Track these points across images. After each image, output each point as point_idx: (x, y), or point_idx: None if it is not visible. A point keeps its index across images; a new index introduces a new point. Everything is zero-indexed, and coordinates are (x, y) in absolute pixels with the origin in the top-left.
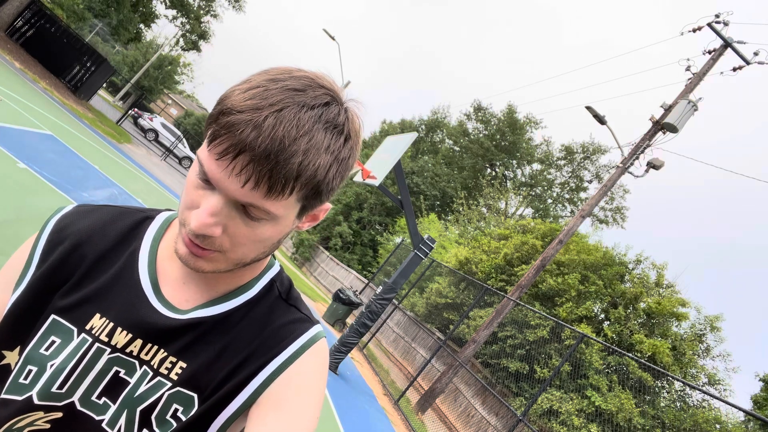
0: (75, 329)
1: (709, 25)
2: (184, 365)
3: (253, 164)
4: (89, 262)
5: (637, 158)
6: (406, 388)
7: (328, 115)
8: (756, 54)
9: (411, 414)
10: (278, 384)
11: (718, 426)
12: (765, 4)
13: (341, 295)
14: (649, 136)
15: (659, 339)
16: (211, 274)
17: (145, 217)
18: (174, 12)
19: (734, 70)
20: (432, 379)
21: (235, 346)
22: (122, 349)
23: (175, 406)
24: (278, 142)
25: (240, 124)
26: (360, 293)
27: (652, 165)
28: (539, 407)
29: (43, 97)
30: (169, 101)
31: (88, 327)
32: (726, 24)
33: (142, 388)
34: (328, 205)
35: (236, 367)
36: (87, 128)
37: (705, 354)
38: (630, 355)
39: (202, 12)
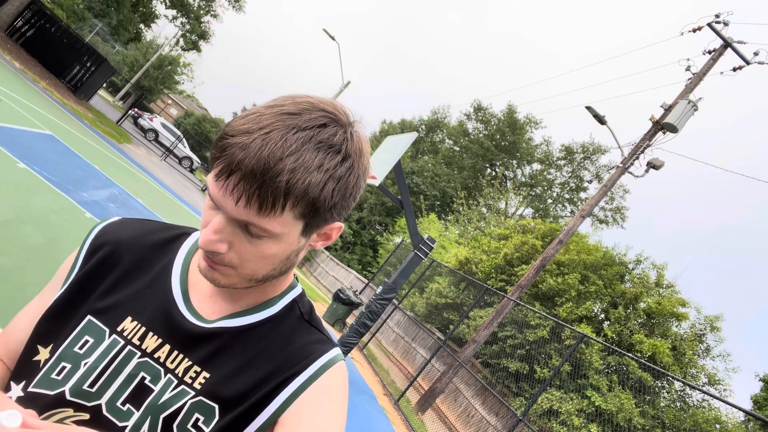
0: (107, 330)
1: (709, 25)
2: (207, 375)
3: (243, 183)
4: (126, 267)
5: (637, 158)
6: (406, 388)
7: (322, 136)
8: (756, 54)
9: (411, 414)
10: (300, 402)
11: (718, 426)
12: (765, 4)
13: (341, 295)
14: (649, 136)
15: (659, 339)
16: (227, 288)
17: (182, 233)
18: (174, 12)
19: (734, 70)
20: (432, 379)
21: (259, 360)
22: (151, 354)
23: (197, 415)
24: (263, 162)
25: (232, 147)
26: (360, 293)
27: (652, 165)
28: (539, 407)
29: (43, 97)
30: (169, 101)
31: (119, 329)
32: (726, 24)
33: (166, 396)
34: (339, 224)
35: (259, 382)
36: (87, 128)
37: (705, 354)
38: (630, 355)
39: (202, 12)
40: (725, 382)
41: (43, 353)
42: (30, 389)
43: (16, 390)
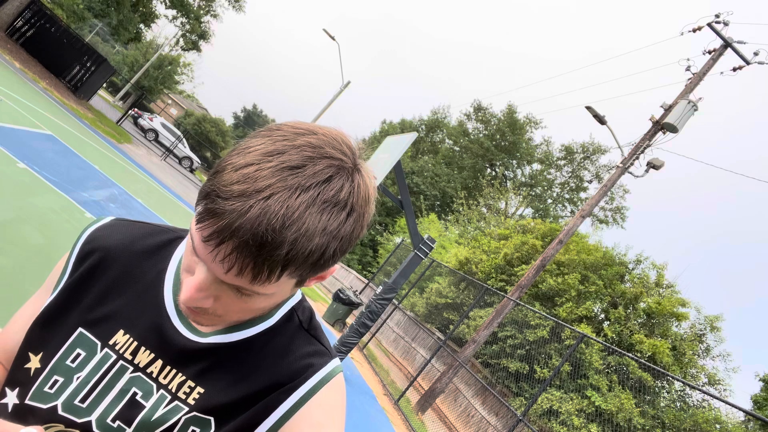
0: (99, 343)
1: (709, 25)
2: (202, 390)
3: (235, 254)
4: (116, 276)
5: (637, 158)
6: (406, 388)
7: (327, 194)
8: (756, 54)
9: (411, 414)
10: (298, 418)
11: (718, 426)
12: (765, 4)
13: (341, 295)
14: (649, 136)
15: (659, 339)
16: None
17: (176, 237)
18: (174, 12)
19: (734, 70)
20: (432, 379)
21: (255, 373)
22: (144, 369)
23: (192, 428)
24: (260, 236)
25: (225, 213)
26: (360, 293)
27: (652, 165)
28: (539, 407)
29: (43, 97)
30: (169, 101)
31: (111, 342)
32: (726, 24)
33: (159, 412)
34: (335, 267)
35: (255, 394)
36: (87, 128)
37: (705, 354)
38: (630, 355)
39: (202, 12)
40: (725, 382)
41: (34, 361)
42: (26, 402)
43: (12, 396)
